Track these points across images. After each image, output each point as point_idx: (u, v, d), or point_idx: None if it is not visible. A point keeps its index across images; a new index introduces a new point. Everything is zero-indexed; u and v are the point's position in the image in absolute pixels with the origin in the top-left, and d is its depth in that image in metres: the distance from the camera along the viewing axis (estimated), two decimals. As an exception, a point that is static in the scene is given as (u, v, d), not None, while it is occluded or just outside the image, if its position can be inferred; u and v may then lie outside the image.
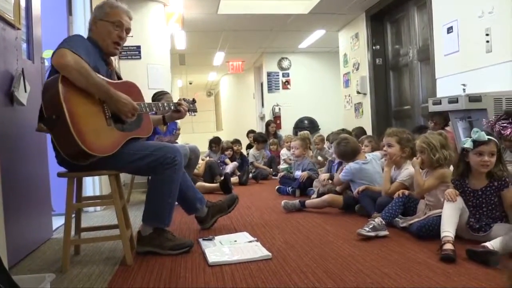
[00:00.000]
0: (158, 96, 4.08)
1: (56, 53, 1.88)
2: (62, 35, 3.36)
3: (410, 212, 2.54)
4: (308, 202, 3.26)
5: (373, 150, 3.63)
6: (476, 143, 2.15)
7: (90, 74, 1.91)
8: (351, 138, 3.38)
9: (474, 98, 3.08)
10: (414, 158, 2.66)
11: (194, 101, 2.64)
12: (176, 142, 4.21)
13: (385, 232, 2.37)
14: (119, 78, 2.33)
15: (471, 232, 2.17)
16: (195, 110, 2.62)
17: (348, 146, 3.27)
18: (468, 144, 2.17)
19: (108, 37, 2.16)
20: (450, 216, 2.08)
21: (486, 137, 2.13)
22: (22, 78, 2.22)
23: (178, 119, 2.64)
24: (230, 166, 5.53)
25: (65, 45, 1.91)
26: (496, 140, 2.19)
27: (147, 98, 2.33)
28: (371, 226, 2.36)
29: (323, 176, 3.70)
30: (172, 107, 2.46)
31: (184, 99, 2.54)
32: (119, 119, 2.06)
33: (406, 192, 2.57)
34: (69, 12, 3.57)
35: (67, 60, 1.85)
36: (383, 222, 2.39)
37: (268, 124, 7.54)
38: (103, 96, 1.98)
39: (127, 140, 2.07)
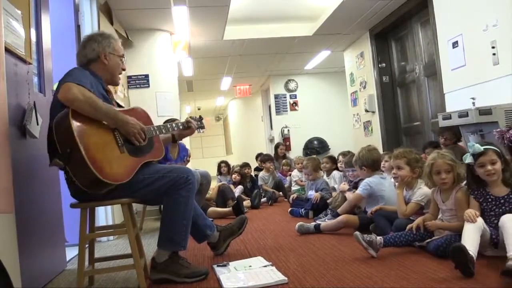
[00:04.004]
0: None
1: (62, 87, 1.91)
2: (72, 67, 3.44)
3: (426, 237, 2.41)
4: (323, 225, 3.21)
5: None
6: (475, 156, 2.17)
7: (98, 103, 1.94)
8: (377, 150, 3.42)
9: (485, 111, 3.06)
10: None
11: (201, 118, 2.70)
12: None
13: (373, 254, 2.33)
14: (119, 106, 2.39)
15: (493, 249, 2.11)
16: (203, 127, 2.67)
17: (374, 154, 3.27)
18: (468, 159, 2.20)
19: (117, 70, 2.27)
20: (471, 235, 2.00)
21: (482, 148, 2.16)
22: (34, 111, 2.25)
23: (188, 136, 2.68)
24: (237, 190, 5.51)
25: (69, 79, 1.94)
26: (494, 147, 2.18)
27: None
28: (369, 239, 2.33)
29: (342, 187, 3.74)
30: (181, 127, 2.49)
31: (191, 117, 2.60)
32: (132, 145, 2.08)
33: (421, 228, 2.42)
34: (79, 44, 3.64)
35: (74, 93, 1.88)
36: (381, 245, 2.35)
37: (277, 147, 7.56)
38: (111, 122, 2.00)
39: (140, 165, 2.09)
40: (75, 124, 1.87)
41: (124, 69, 2.32)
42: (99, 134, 1.97)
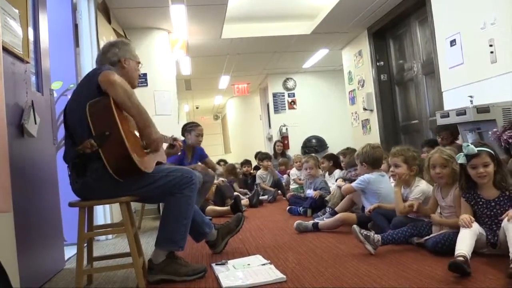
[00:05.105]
0: (189, 127, 4.15)
1: (104, 72, 2.01)
2: (70, 66, 3.45)
3: (424, 234, 2.43)
4: (321, 223, 3.22)
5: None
6: (469, 157, 2.15)
7: (134, 95, 2.04)
8: (381, 149, 3.41)
9: (482, 109, 3.07)
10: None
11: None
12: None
13: (371, 250, 2.35)
14: None
15: (491, 249, 2.12)
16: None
17: (377, 153, 3.26)
18: (461, 159, 2.18)
19: (135, 73, 2.39)
20: (466, 238, 1.99)
21: (476, 150, 2.13)
22: (32, 110, 2.25)
23: (174, 154, 2.82)
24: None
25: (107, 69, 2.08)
26: (489, 150, 2.16)
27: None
28: (366, 234, 2.35)
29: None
30: (170, 142, 2.62)
31: (174, 138, 2.72)
32: None
33: (415, 207, 2.48)
34: (76, 43, 3.64)
35: (115, 77, 1.98)
36: (379, 242, 2.36)
37: (275, 145, 7.62)
38: (140, 119, 2.05)
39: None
40: (115, 108, 1.95)
41: (140, 75, 2.45)
42: (130, 125, 2.07)
